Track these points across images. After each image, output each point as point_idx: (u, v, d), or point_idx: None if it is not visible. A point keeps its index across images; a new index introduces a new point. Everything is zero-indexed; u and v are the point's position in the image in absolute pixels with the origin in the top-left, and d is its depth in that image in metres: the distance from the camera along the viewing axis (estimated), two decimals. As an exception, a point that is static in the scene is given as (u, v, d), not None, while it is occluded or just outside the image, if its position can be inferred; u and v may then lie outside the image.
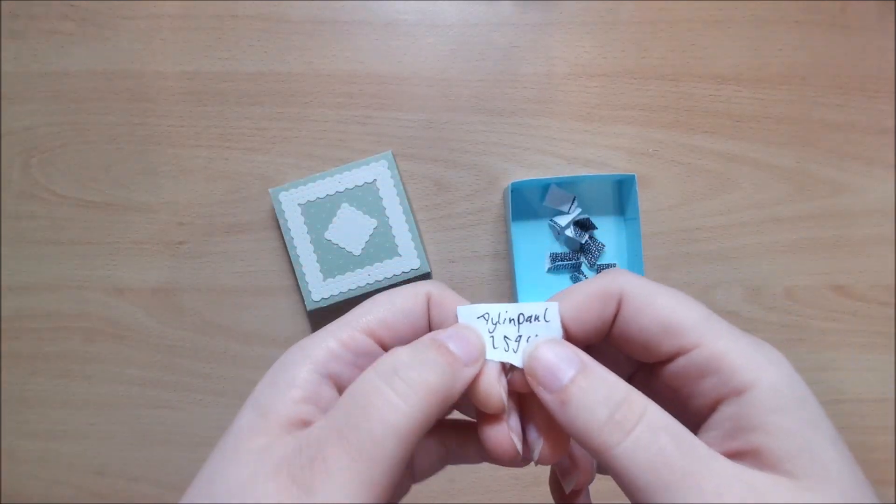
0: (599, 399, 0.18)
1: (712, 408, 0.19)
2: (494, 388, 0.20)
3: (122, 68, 0.47)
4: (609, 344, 0.21)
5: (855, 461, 0.18)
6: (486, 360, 0.20)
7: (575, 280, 0.46)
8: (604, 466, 0.18)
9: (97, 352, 0.46)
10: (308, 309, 0.44)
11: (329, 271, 0.44)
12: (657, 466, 0.17)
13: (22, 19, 0.47)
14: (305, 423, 0.19)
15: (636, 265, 0.44)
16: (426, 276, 0.46)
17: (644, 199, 0.46)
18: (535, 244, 0.46)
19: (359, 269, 0.44)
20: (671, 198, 0.47)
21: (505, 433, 0.20)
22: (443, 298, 0.21)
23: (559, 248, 0.47)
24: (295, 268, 0.44)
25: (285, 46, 0.47)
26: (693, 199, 0.47)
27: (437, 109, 0.47)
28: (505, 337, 0.21)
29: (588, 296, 0.20)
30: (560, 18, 0.47)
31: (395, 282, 0.44)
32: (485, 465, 0.46)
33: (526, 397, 0.21)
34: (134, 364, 0.46)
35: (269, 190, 0.44)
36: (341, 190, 0.44)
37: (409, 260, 0.44)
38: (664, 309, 0.20)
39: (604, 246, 0.46)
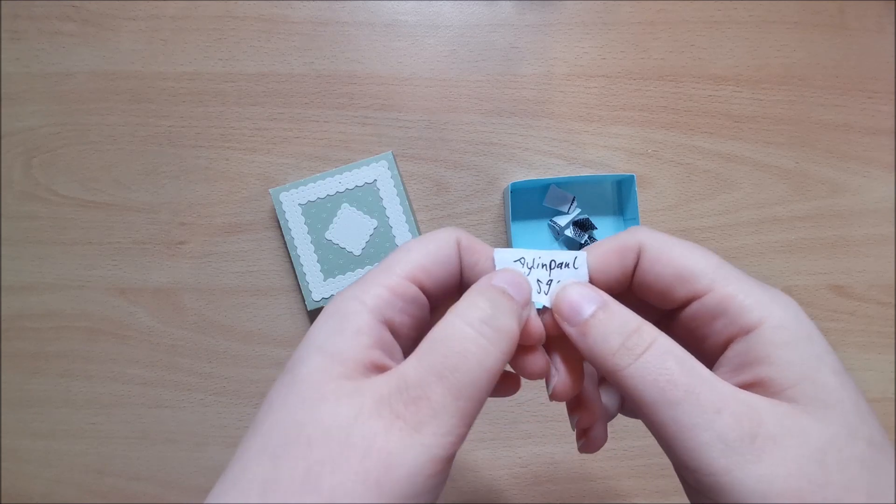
0: (614, 329, 0.20)
1: (724, 346, 0.21)
2: (537, 323, 0.22)
3: (124, 69, 0.47)
4: (632, 294, 0.23)
5: (859, 391, 0.19)
6: None
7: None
8: (617, 388, 0.20)
9: (98, 351, 0.46)
10: (308, 309, 0.44)
11: (329, 271, 0.44)
12: (662, 385, 0.19)
13: (23, 20, 0.47)
14: (379, 368, 0.20)
15: (636, 265, 0.44)
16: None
17: (644, 199, 0.46)
18: (535, 244, 0.47)
19: (359, 269, 0.44)
20: (671, 198, 0.47)
21: (541, 356, 0.23)
22: (472, 243, 0.23)
23: (559, 248, 0.47)
24: (295, 268, 0.44)
25: (286, 47, 0.47)
26: (692, 199, 0.47)
27: (437, 110, 0.47)
28: (538, 280, 0.23)
29: (610, 249, 0.22)
30: (560, 19, 0.47)
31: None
32: (484, 466, 0.46)
33: (549, 341, 0.23)
34: (135, 364, 0.46)
35: (270, 190, 0.44)
36: (342, 190, 0.44)
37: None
38: (679, 258, 0.21)
39: (603, 246, 0.46)
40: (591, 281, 0.23)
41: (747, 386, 0.19)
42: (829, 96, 0.47)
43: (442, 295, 0.23)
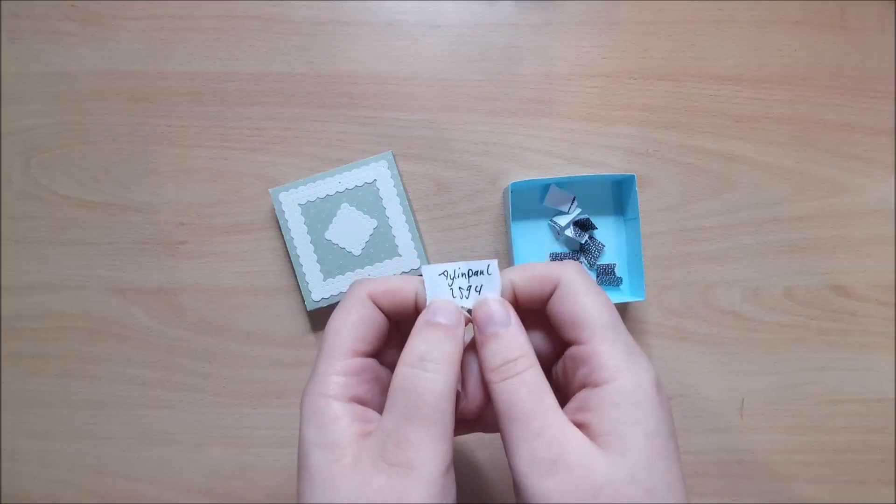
0: (501, 351, 0.25)
1: (579, 389, 0.25)
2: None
3: (123, 69, 0.47)
4: (544, 321, 0.28)
5: (668, 454, 0.24)
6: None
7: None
8: (489, 394, 0.26)
9: (97, 351, 0.46)
10: (308, 309, 0.44)
11: (329, 271, 0.44)
12: (509, 404, 0.24)
13: (22, 19, 0.47)
14: (365, 433, 0.25)
15: (636, 265, 0.44)
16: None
17: (644, 199, 0.46)
18: (534, 244, 0.47)
19: (359, 269, 0.44)
20: (671, 198, 0.47)
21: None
22: (386, 286, 0.28)
23: (559, 248, 0.47)
24: (295, 268, 0.44)
25: (286, 47, 0.47)
26: (693, 199, 0.47)
27: (438, 109, 0.47)
28: (460, 287, 0.28)
29: (535, 274, 0.27)
30: (560, 18, 0.47)
31: (395, 282, 0.44)
32: (485, 466, 0.46)
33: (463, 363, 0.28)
34: (134, 364, 0.46)
35: (270, 190, 0.44)
36: (341, 190, 0.44)
37: (409, 260, 0.44)
38: (579, 305, 0.26)
39: (604, 246, 0.46)
40: (515, 293, 0.27)
41: (579, 423, 0.24)
42: (830, 96, 0.47)
43: (404, 321, 0.28)
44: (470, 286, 0.27)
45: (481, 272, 0.27)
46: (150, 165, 0.47)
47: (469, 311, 0.28)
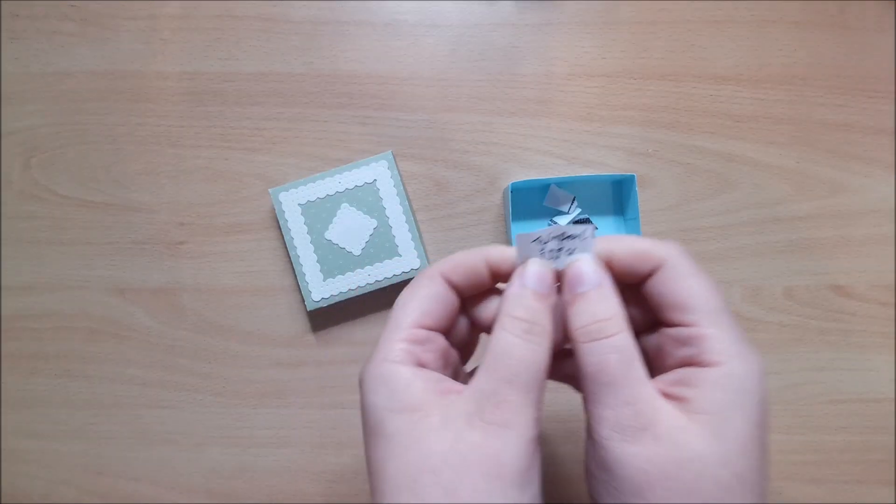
0: (590, 311, 0.25)
1: (679, 366, 0.25)
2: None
3: (123, 68, 0.47)
4: (636, 295, 0.27)
5: (762, 445, 0.23)
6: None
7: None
8: (574, 351, 0.25)
9: (97, 352, 0.46)
10: (308, 309, 0.44)
11: (329, 271, 0.44)
12: (598, 369, 0.24)
13: (22, 19, 0.47)
14: (444, 391, 0.25)
15: (636, 265, 0.44)
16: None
17: (644, 199, 0.46)
18: (535, 244, 0.46)
19: (359, 269, 0.44)
20: (671, 198, 0.47)
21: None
22: (455, 265, 0.27)
23: (559, 248, 0.47)
24: (295, 268, 0.44)
25: (285, 47, 0.47)
26: (693, 199, 0.47)
27: (437, 109, 0.47)
28: (551, 250, 0.26)
29: (636, 248, 0.26)
30: (560, 18, 0.47)
31: (395, 282, 0.44)
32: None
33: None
34: (134, 364, 0.46)
35: (269, 190, 0.44)
36: (341, 190, 0.44)
37: (409, 260, 0.44)
38: (687, 288, 0.25)
39: (604, 246, 0.46)
40: (609, 266, 0.26)
41: (676, 396, 0.24)
42: (830, 96, 0.47)
43: (478, 296, 0.28)
44: (561, 248, 0.26)
45: (575, 236, 0.26)
46: (149, 165, 0.47)
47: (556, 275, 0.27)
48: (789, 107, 0.47)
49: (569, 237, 0.26)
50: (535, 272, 0.26)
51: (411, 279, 0.43)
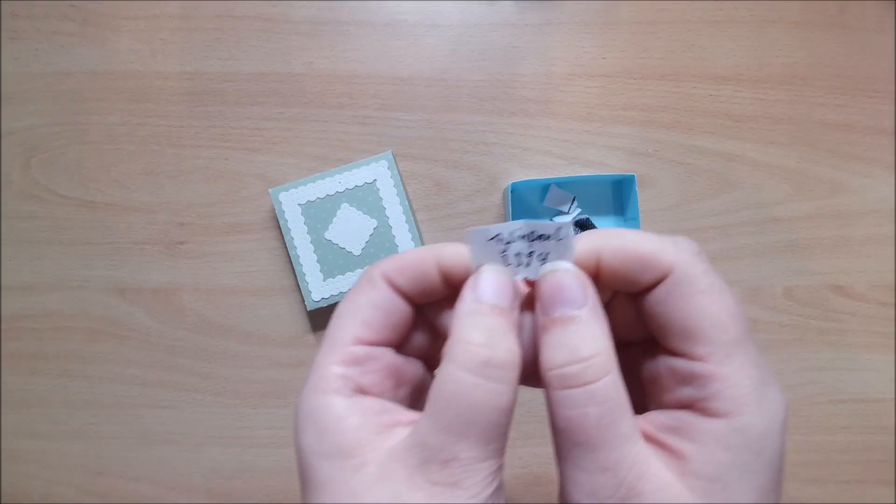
0: (567, 345, 0.19)
1: (677, 405, 0.20)
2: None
3: (123, 68, 0.47)
4: (633, 306, 0.22)
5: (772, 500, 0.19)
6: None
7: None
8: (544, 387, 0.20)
9: (97, 352, 0.46)
10: (308, 309, 0.44)
11: (329, 271, 0.44)
12: (573, 424, 0.18)
13: (22, 19, 0.47)
14: (387, 426, 0.20)
15: (636, 265, 0.44)
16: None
17: (644, 199, 0.46)
18: (535, 244, 0.46)
19: (359, 269, 0.44)
20: (671, 198, 0.47)
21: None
22: (399, 263, 0.22)
23: (559, 248, 0.47)
24: (295, 268, 0.44)
25: (286, 47, 0.47)
26: (693, 199, 0.47)
27: (437, 109, 0.47)
28: (517, 254, 0.21)
29: (636, 251, 0.20)
30: (560, 18, 0.47)
31: (395, 282, 0.44)
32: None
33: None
34: (134, 364, 0.46)
35: (270, 190, 0.44)
36: (341, 190, 0.44)
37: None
38: (696, 308, 0.19)
39: (604, 246, 0.46)
40: (599, 268, 0.20)
41: (667, 448, 0.19)
42: (829, 96, 0.47)
43: (431, 298, 0.22)
44: (532, 252, 0.21)
45: (548, 236, 0.20)
46: (149, 165, 0.47)
47: (526, 284, 0.22)
48: (789, 107, 0.47)
49: (540, 237, 0.20)
50: (490, 281, 0.20)
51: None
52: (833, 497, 0.46)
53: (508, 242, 0.21)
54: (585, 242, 0.20)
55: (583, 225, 0.46)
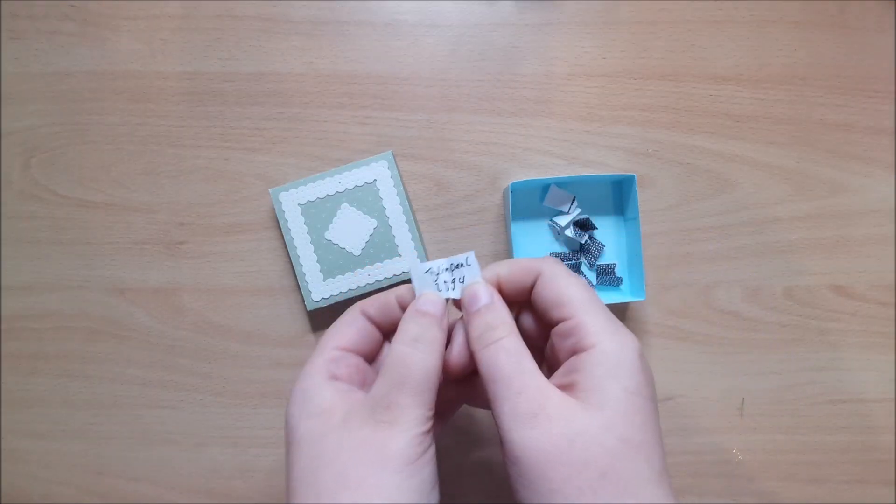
0: (482, 323, 0.29)
1: (568, 357, 0.28)
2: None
3: (123, 69, 0.47)
4: (532, 308, 0.31)
5: (647, 409, 0.26)
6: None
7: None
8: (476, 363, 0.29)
9: (97, 352, 0.46)
10: (308, 309, 0.44)
11: (329, 271, 0.44)
12: (492, 369, 0.28)
13: (22, 19, 0.47)
14: (347, 398, 0.29)
15: (636, 265, 0.44)
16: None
17: (644, 199, 0.46)
18: (534, 244, 0.47)
19: (359, 269, 0.44)
20: (671, 198, 0.47)
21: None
22: (374, 301, 0.32)
23: (559, 248, 0.47)
24: (295, 268, 0.44)
25: (285, 47, 0.47)
26: (693, 199, 0.47)
27: (437, 109, 0.47)
28: (445, 281, 0.31)
29: (519, 267, 0.31)
30: (560, 18, 0.47)
31: (395, 282, 0.44)
32: (485, 466, 0.46)
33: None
34: (134, 364, 0.46)
35: (269, 190, 0.44)
36: (341, 190, 0.44)
37: (409, 260, 0.44)
38: (560, 288, 0.29)
39: (604, 246, 0.46)
40: (500, 283, 0.31)
41: (566, 385, 0.27)
42: (829, 96, 0.47)
43: (393, 330, 0.31)
44: (454, 279, 0.31)
45: (461, 265, 0.31)
46: (149, 165, 0.47)
47: (456, 302, 0.31)
48: (789, 107, 0.47)
49: (457, 267, 0.31)
50: (424, 297, 0.30)
51: (410, 280, 0.44)
52: (833, 497, 0.46)
53: (438, 274, 0.31)
54: (488, 268, 0.31)
55: (583, 225, 0.46)
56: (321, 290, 0.44)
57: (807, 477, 0.46)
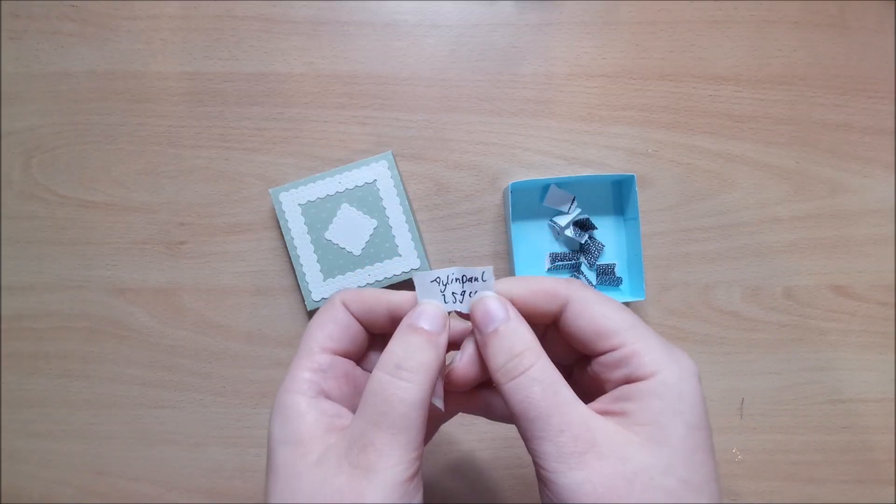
0: (504, 348, 0.25)
1: (618, 385, 0.25)
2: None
3: (123, 69, 0.47)
4: (560, 335, 0.28)
5: (707, 447, 0.24)
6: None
7: (575, 280, 0.46)
8: (501, 394, 0.25)
9: (97, 352, 0.46)
10: (308, 309, 0.44)
11: (329, 271, 0.44)
12: (525, 404, 0.24)
13: (22, 19, 0.47)
14: (334, 428, 0.25)
15: (636, 265, 0.44)
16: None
17: (644, 199, 0.46)
18: (534, 244, 0.47)
19: (359, 269, 0.44)
20: (671, 198, 0.47)
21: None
22: (356, 295, 0.28)
23: (559, 248, 0.47)
24: (295, 268, 0.44)
25: (285, 47, 0.47)
26: (692, 199, 0.47)
27: (437, 109, 0.47)
28: (453, 293, 0.27)
29: (542, 288, 0.26)
30: (560, 18, 0.47)
31: (394, 282, 0.44)
32: (485, 466, 0.46)
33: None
34: (134, 364, 0.46)
35: (270, 190, 0.44)
36: (341, 190, 0.44)
37: (409, 260, 0.44)
38: (600, 317, 0.25)
39: (603, 246, 0.46)
40: (515, 304, 0.26)
41: (616, 413, 0.24)
42: (829, 96, 0.47)
43: (379, 329, 0.28)
44: (465, 291, 0.27)
45: (476, 279, 0.27)
46: (149, 165, 0.47)
47: (465, 316, 0.27)
48: (789, 107, 0.47)
49: (470, 280, 0.27)
50: (419, 309, 0.26)
51: (410, 279, 0.44)
52: (833, 497, 0.46)
53: (446, 284, 0.27)
54: (502, 283, 0.27)
55: (583, 225, 0.46)
56: (321, 290, 0.44)
57: (807, 477, 0.46)
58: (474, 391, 0.30)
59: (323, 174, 0.44)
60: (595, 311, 0.25)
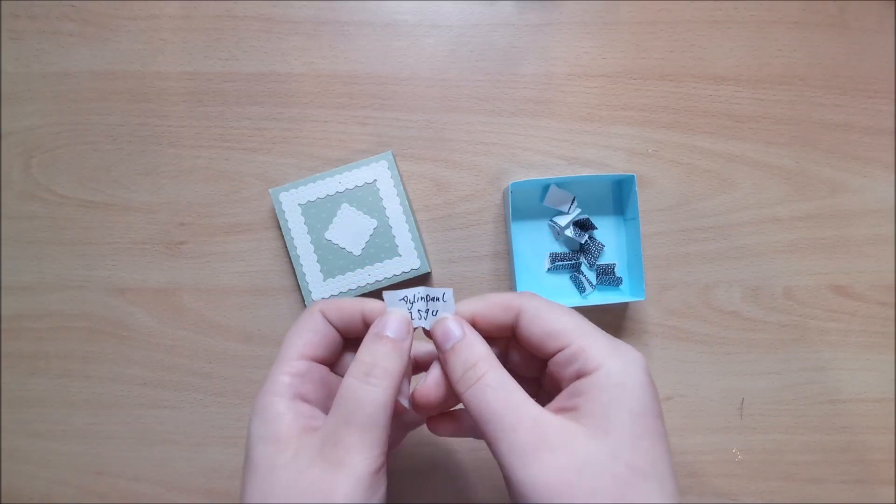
0: (461, 362, 0.28)
1: (570, 382, 0.27)
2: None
3: (123, 69, 0.47)
4: (521, 348, 0.30)
5: (653, 432, 0.25)
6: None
7: (575, 280, 0.46)
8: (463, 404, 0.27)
9: (97, 351, 0.46)
10: (308, 309, 0.44)
11: (329, 271, 0.44)
12: (482, 409, 0.26)
13: (22, 19, 0.47)
14: (308, 428, 0.27)
15: (636, 265, 0.44)
16: (426, 276, 0.46)
17: (644, 199, 0.46)
18: (534, 244, 0.47)
19: (359, 269, 0.44)
20: (671, 198, 0.47)
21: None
22: (335, 304, 0.30)
23: (559, 248, 0.47)
24: (295, 268, 0.44)
25: (286, 47, 0.47)
26: (693, 199, 0.47)
27: (437, 109, 0.47)
28: (419, 310, 0.30)
29: (496, 303, 0.29)
30: (560, 18, 0.47)
31: (395, 282, 0.44)
32: (485, 466, 0.46)
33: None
34: (134, 364, 0.46)
35: (270, 190, 0.44)
36: (341, 190, 0.44)
37: (409, 260, 0.44)
38: (550, 322, 0.28)
39: (603, 246, 0.46)
40: (475, 323, 0.29)
41: (566, 409, 0.26)
42: (829, 96, 0.47)
43: (355, 335, 0.30)
44: (428, 309, 0.30)
45: (437, 299, 0.30)
46: (150, 165, 0.47)
47: (429, 334, 0.30)
48: (789, 107, 0.47)
49: (433, 299, 0.30)
50: (385, 319, 0.29)
51: (412, 279, 0.44)
52: (833, 497, 0.46)
53: (412, 302, 0.30)
54: (462, 303, 0.30)
55: (583, 225, 0.46)
56: (321, 290, 0.44)
57: (807, 477, 0.46)
58: (461, 414, 0.32)
59: (323, 174, 0.44)
60: (545, 317, 0.28)
